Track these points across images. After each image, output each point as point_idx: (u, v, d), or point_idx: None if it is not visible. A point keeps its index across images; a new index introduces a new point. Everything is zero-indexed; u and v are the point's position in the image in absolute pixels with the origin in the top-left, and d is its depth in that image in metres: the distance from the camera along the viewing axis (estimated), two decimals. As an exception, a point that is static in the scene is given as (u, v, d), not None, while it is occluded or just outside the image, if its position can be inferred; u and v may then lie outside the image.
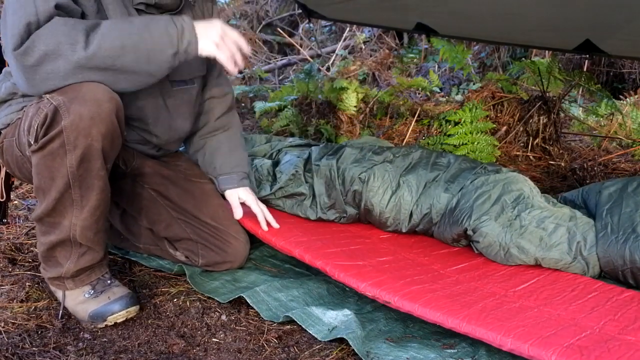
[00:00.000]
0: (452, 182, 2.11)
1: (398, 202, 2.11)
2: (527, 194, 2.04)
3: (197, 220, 1.88)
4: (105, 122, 1.48)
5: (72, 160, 1.48)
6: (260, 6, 6.42)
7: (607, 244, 1.89)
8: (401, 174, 2.14)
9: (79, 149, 1.47)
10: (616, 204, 2.00)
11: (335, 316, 1.63)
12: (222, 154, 1.95)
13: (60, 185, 1.50)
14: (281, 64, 5.43)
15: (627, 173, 3.26)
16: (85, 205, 1.55)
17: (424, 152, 2.25)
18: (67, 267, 1.61)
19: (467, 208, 2.00)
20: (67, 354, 1.48)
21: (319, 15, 3.35)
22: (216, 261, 1.90)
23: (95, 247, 1.62)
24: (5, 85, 1.68)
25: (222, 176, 1.94)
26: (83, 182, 1.52)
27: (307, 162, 2.22)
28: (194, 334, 1.62)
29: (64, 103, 1.44)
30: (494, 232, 1.93)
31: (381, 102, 3.73)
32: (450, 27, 3.15)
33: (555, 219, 1.96)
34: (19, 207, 2.31)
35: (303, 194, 2.15)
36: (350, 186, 2.13)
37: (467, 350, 1.54)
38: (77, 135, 1.46)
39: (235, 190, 1.94)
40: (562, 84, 3.57)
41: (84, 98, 1.45)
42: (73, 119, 1.44)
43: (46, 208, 1.55)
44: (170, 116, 1.80)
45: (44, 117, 1.46)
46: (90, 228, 1.58)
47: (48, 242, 1.60)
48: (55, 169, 1.49)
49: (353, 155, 2.20)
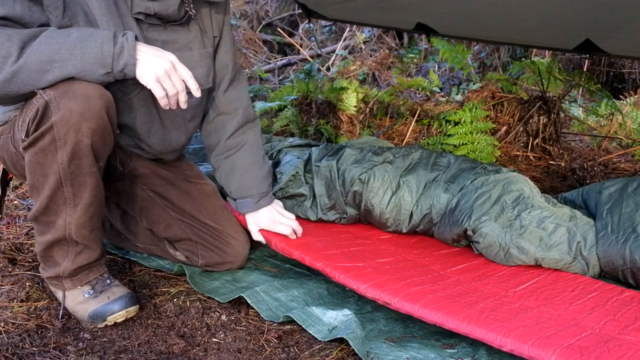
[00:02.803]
0: (452, 182, 2.11)
1: (398, 202, 2.11)
2: (527, 194, 2.04)
3: (196, 221, 1.88)
4: (96, 118, 1.47)
5: (63, 157, 1.47)
6: (260, 6, 6.42)
7: (607, 244, 1.89)
8: (401, 174, 2.14)
9: (69, 144, 1.46)
10: (616, 204, 2.00)
11: (335, 316, 1.63)
12: (235, 176, 1.90)
13: (52, 182, 1.50)
14: (281, 64, 5.44)
15: (627, 173, 3.26)
16: (79, 203, 1.54)
17: (424, 152, 2.25)
18: (65, 266, 1.61)
19: (467, 208, 2.00)
20: (67, 354, 1.48)
21: (319, 15, 3.36)
22: (216, 261, 1.90)
23: (91, 245, 1.62)
24: None
25: (239, 200, 1.91)
26: (75, 180, 1.51)
27: (308, 163, 2.22)
28: (194, 334, 1.62)
29: (54, 98, 1.43)
30: (494, 233, 1.93)
31: (381, 102, 3.73)
32: (450, 27, 3.15)
33: (555, 219, 1.96)
34: (19, 207, 2.31)
35: (303, 195, 2.15)
36: (350, 187, 2.13)
37: (467, 350, 1.54)
38: (67, 131, 1.45)
39: (252, 216, 1.91)
40: (562, 84, 3.57)
41: (75, 93, 1.44)
42: (63, 114, 1.43)
43: (40, 207, 1.54)
44: (164, 128, 1.75)
45: (35, 111, 1.44)
46: (84, 226, 1.57)
47: (45, 242, 1.60)
48: (47, 166, 1.49)
49: (353, 156, 2.20)
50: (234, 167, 1.90)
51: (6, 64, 1.37)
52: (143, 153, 1.83)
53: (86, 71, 1.43)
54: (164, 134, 1.76)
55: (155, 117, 1.72)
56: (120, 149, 1.75)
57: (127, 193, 1.86)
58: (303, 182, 2.17)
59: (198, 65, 1.74)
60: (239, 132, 1.91)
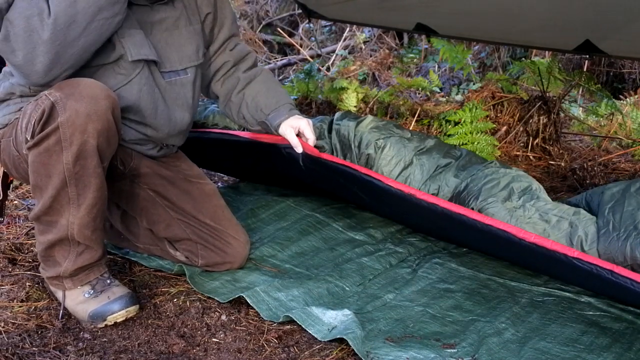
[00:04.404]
0: (462, 170, 2.12)
1: (408, 177, 2.10)
2: (535, 187, 2.05)
3: (196, 221, 1.88)
4: (102, 119, 1.49)
5: (68, 157, 1.48)
6: (260, 6, 6.42)
7: (609, 241, 1.90)
8: (416, 153, 2.15)
9: (74, 145, 1.47)
10: (618, 203, 2.01)
11: (335, 316, 1.63)
12: (263, 95, 1.95)
13: (56, 182, 1.50)
14: (281, 64, 5.43)
15: (627, 173, 3.26)
16: (82, 204, 1.54)
17: (438, 141, 2.27)
18: (66, 266, 1.61)
19: (475, 190, 2.00)
20: (67, 354, 1.48)
21: (319, 15, 3.35)
22: (216, 262, 1.90)
23: (93, 246, 1.62)
24: (4, 84, 1.68)
25: (271, 114, 1.93)
26: (79, 180, 1.51)
27: (331, 122, 2.24)
28: (194, 334, 1.62)
29: (60, 99, 1.45)
30: (500, 215, 1.93)
31: (381, 102, 3.73)
32: (450, 27, 3.15)
33: (559, 212, 1.96)
34: (19, 207, 2.31)
35: (323, 147, 2.15)
36: (365, 149, 2.13)
37: (467, 350, 1.54)
38: (73, 132, 1.46)
39: (287, 121, 1.93)
40: (562, 84, 3.56)
41: (81, 94, 1.46)
42: (69, 115, 1.45)
43: (43, 206, 1.55)
44: (167, 107, 1.78)
45: (41, 112, 1.46)
46: (87, 226, 1.58)
47: (46, 241, 1.59)
48: (51, 166, 1.49)
49: (374, 122, 2.20)
50: (259, 89, 1.98)
51: (43, 20, 1.44)
52: (146, 148, 1.83)
53: None
54: (168, 113, 1.78)
55: (158, 95, 1.74)
56: (121, 148, 1.75)
57: (128, 193, 1.86)
58: (325, 136, 2.19)
59: (187, 43, 1.79)
60: (252, 67, 2.02)
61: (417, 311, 1.76)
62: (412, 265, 2.03)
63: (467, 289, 1.89)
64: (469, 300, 1.83)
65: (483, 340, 1.60)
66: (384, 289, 1.88)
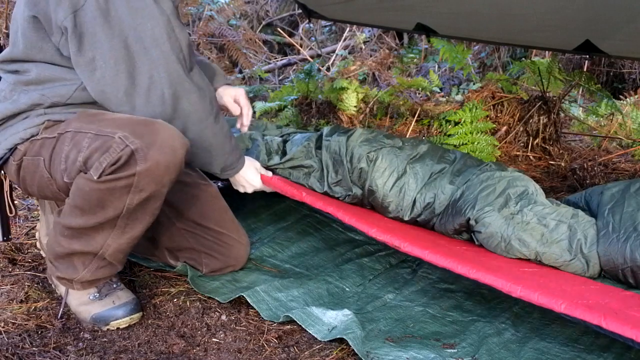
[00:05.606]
0: (457, 175, 2.12)
1: (402, 187, 2.10)
2: (532, 190, 2.05)
3: (201, 229, 1.85)
4: (177, 170, 1.49)
5: (133, 200, 1.46)
6: (260, 6, 6.41)
7: (608, 242, 1.90)
8: (409, 161, 2.14)
9: (145, 192, 1.46)
10: (618, 204, 2.01)
11: (335, 316, 1.63)
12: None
13: (109, 214, 1.48)
14: (281, 64, 5.43)
15: (627, 173, 3.26)
16: (127, 233, 1.53)
17: (432, 146, 2.26)
18: (83, 275, 1.59)
19: (472, 199, 2.01)
20: (67, 354, 1.48)
21: (319, 15, 3.35)
22: (220, 267, 1.89)
23: (117, 265, 1.62)
24: (23, 96, 1.56)
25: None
26: (133, 215, 1.50)
27: (319, 140, 2.23)
28: (194, 334, 1.62)
29: (141, 148, 1.42)
30: (497, 223, 1.93)
31: (381, 102, 3.73)
32: (450, 27, 3.15)
33: (557, 216, 1.97)
34: (19, 207, 2.31)
35: (312, 167, 2.14)
36: (357, 163, 2.13)
37: (467, 350, 1.54)
38: (149, 182, 1.45)
39: (226, 90, 1.97)
40: (562, 84, 3.56)
41: (162, 145, 1.44)
42: (149, 166, 1.43)
43: (84, 225, 1.51)
44: None
45: (116, 157, 1.42)
46: (123, 251, 1.58)
47: (70, 249, 1.56)
48: (109, 202, 1.46)
49: (364, 135, 2.20)
50: None
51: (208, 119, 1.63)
52: None
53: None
54: None
55: None
56: None
57: None
58: (313, 155, 2.17)
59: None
60: None
61: (417, 311, 1.76)
62: (412, 265, 2.03)
63: (467, 288, 1.89)
64: (469, 300, 1.83)
65: (483, 340, 1.60)
66: (384, 289, 1.88)
